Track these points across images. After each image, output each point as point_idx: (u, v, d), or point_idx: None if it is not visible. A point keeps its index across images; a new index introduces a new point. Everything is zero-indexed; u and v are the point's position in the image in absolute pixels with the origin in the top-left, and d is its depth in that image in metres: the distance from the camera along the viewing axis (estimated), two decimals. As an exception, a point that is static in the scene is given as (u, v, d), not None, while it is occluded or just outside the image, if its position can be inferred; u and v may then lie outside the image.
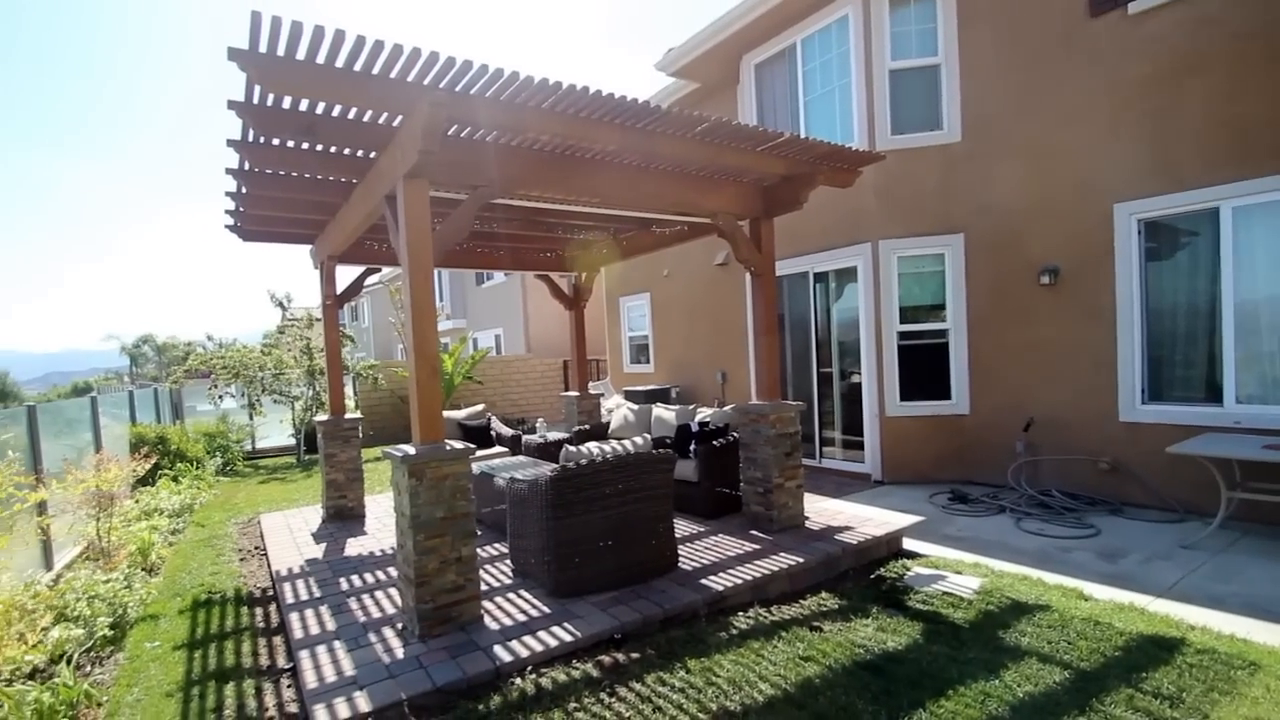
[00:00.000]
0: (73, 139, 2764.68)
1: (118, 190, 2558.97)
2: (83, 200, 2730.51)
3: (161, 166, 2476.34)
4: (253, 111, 3.56)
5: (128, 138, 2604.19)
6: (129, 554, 5.91)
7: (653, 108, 3.80)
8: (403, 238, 3.68)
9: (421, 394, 3.78)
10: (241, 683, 3.72)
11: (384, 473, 9.80)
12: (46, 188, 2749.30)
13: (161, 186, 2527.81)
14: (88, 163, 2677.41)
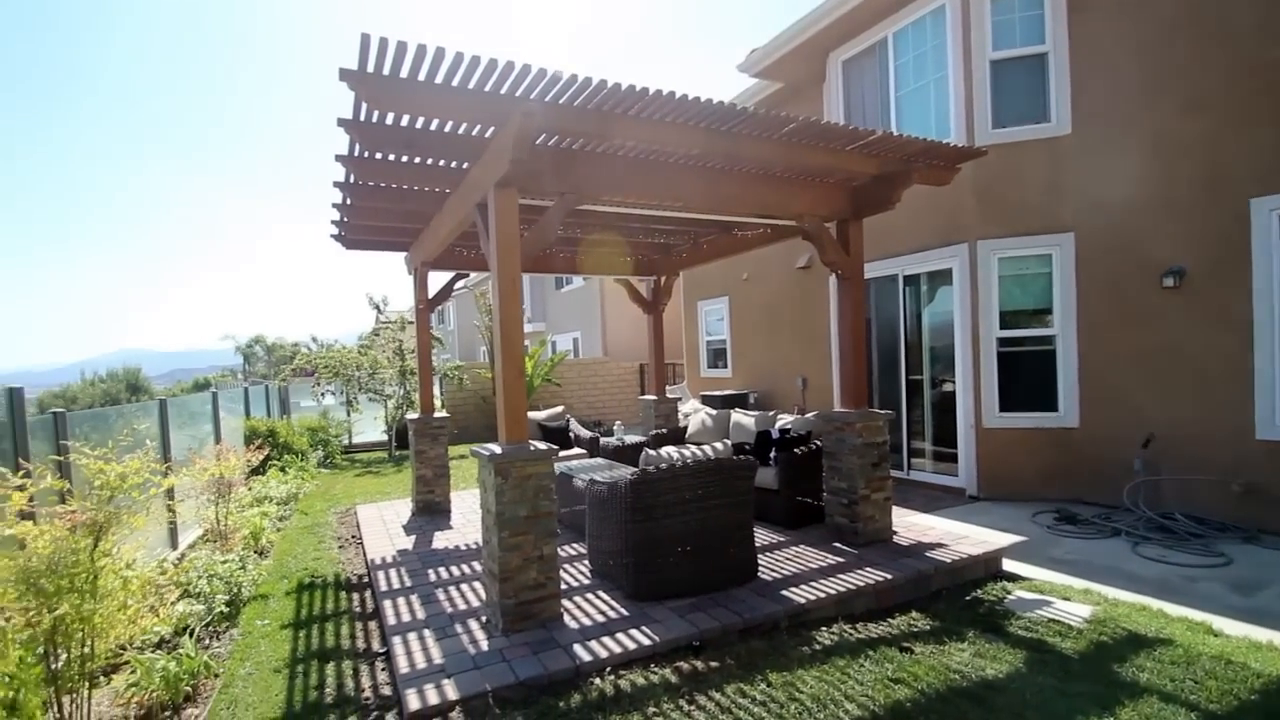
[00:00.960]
0: (198, 155, 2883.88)
1: (238, 204, 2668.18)
2: (209, 213, 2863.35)
3: (271, 181, 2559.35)
4: (359, 128, 3.82)
5: (243, 156, 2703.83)
6: (243, 537, 6.46)
7: (738, 110, 3.78)
8: (493, 244, 3.84)
9: (508, 395, 3.93)
10: (341, 663, 3.98)
11: (467, 469, 10.22)
12: (178, 202, 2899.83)
13: (273, 201, 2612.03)
14: (206, 178, 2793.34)
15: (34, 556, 2.78)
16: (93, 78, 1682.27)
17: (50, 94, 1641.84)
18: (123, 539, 3.10)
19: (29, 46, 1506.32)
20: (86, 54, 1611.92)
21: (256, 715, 3.42)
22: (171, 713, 3.48)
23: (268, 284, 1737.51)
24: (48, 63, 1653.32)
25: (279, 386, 13.92)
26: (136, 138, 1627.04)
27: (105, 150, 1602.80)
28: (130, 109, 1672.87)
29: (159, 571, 4.70)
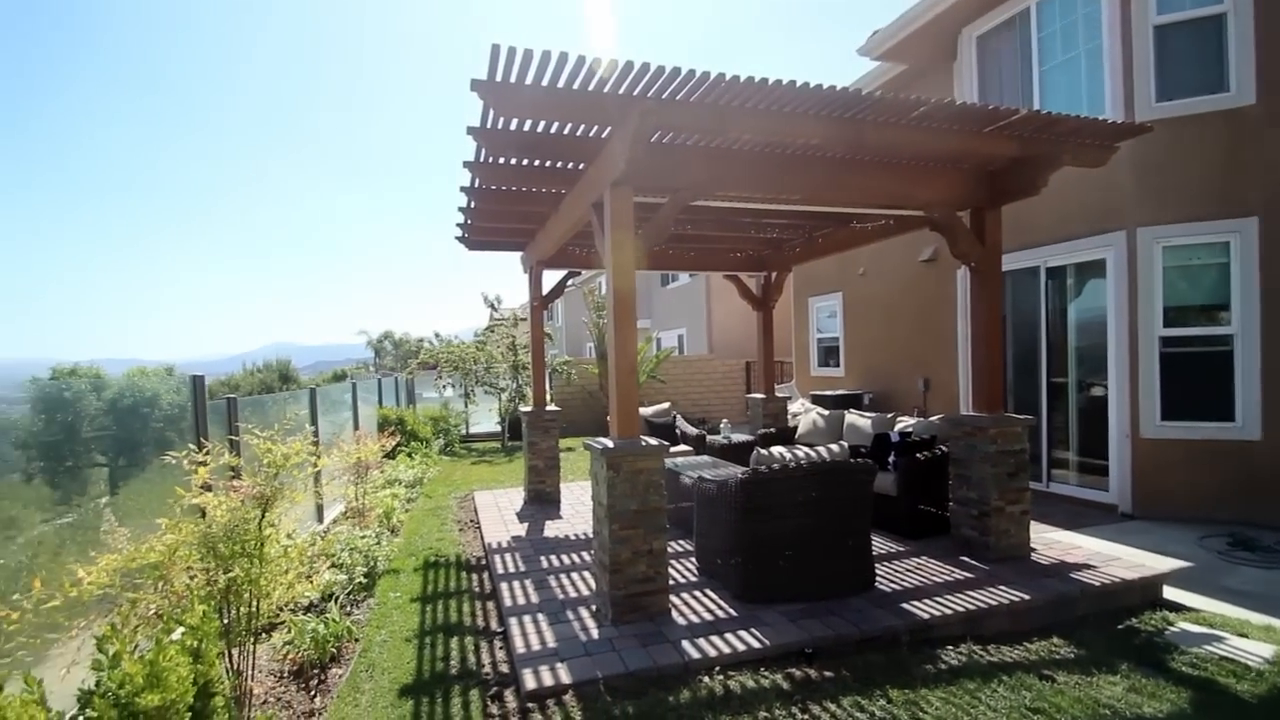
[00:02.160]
0: (340, 171, 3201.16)
1: (370, 213, 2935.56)
2: (347, 219, 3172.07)
3: (398, 188, 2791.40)
4: (486, 134, 4.05)
5: (378, 166, 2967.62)
6: (377, 516, 7.06)
7: (863, 95, 3.61)
8: (607, 242, 3.93)
9: (620, 391, 4.01)
10: (463, 639, 4.25)
11: (575, 462, 10.57)
12: (321, 210, 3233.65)
13: (400, 206, 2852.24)
14: (343, 187, 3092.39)
15: (213, 524, 3.19)
16: (239, 92, 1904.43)
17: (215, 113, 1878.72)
18: (284, 512, 3.49)
19: (187, 66, 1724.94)
20: (238, 66, 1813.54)
21: (391, 679, 3.73)
22: (319, 671, 3.88)
23: (396, 283, 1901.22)
24: (228, 83, 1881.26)
25: (407, 379, 15.10)
26: (295, 157, 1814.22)
27: (262, 170, 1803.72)
28: (290, 129, 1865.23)
29: (310, 543, 5.25)
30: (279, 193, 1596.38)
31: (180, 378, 17.20)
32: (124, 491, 10.52)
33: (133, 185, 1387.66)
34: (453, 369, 13.86)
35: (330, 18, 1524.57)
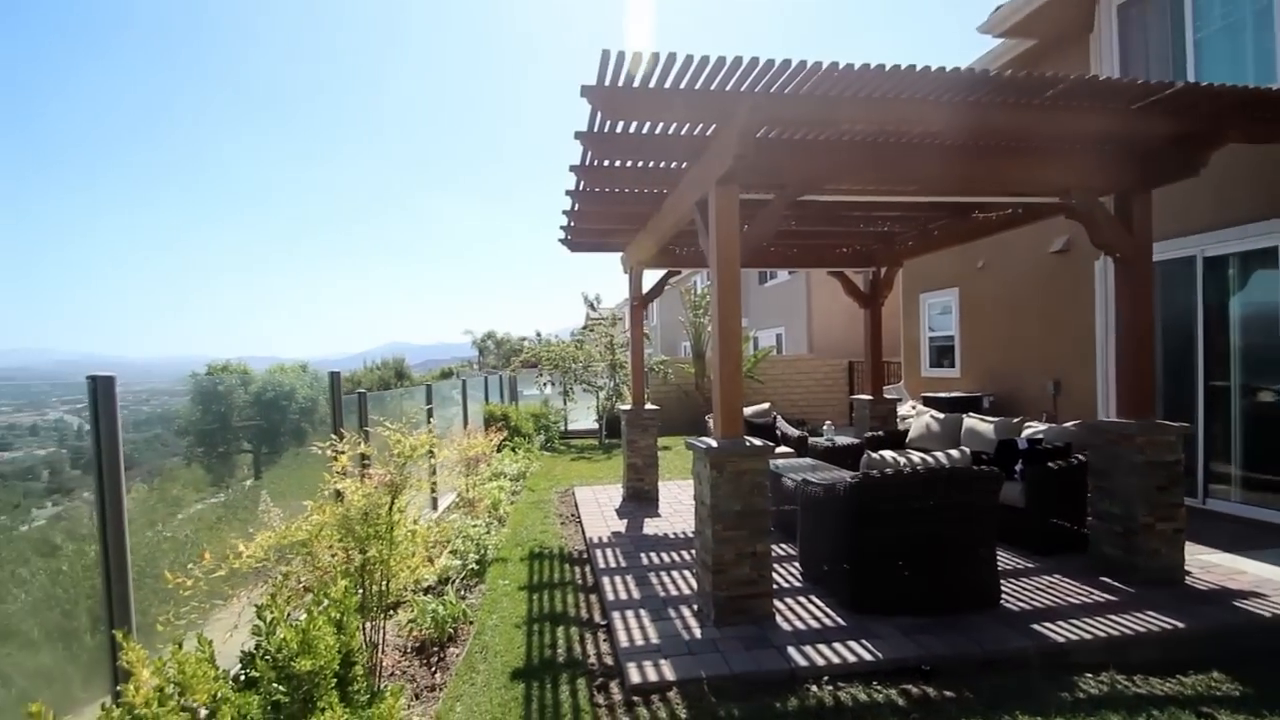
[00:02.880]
0: (454, 181, 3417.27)
1: (478, 217, 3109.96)
2: (455, 224, 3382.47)
3: (499, 192, 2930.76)
4: (592, 138, 4.16)
5: (482, 172, 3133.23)
6: (485, 507, 7.45)
7: (990, 76, 3.38)
8: (712, 240, 3.93)
9: (724, 390, 3.99)
10: (569, 629, 4.40)
11: (671, 460, 10.63)
12: (436, 217, 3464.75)
13: (502, 210, 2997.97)
14: (452, 195, 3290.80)
15: (351, 507, 3.50)
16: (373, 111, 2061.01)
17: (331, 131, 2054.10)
18: (409, 500, 3.76)
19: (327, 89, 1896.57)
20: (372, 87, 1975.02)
21: (503, 662, 3.93)
22: (439, 649, 4.15)
23: (499, 285, 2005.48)
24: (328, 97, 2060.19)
25: (510, 376, 15.80)
26: (410, 166, 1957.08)
27: (382, 179, 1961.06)
28: (410, 142, 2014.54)
29: (431, 529, 5.61)
30: (391, 197, 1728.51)
31: (313, 373, 18.94)
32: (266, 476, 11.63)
33: (265, 197, 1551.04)
34: (553, 367, 14.35)
35: (451, 31, 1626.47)
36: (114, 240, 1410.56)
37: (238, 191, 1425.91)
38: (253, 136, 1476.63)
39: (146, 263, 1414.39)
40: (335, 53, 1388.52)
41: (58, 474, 10.63)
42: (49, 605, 5.46)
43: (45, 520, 10.25)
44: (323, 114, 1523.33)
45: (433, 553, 4.67)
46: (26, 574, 6.03)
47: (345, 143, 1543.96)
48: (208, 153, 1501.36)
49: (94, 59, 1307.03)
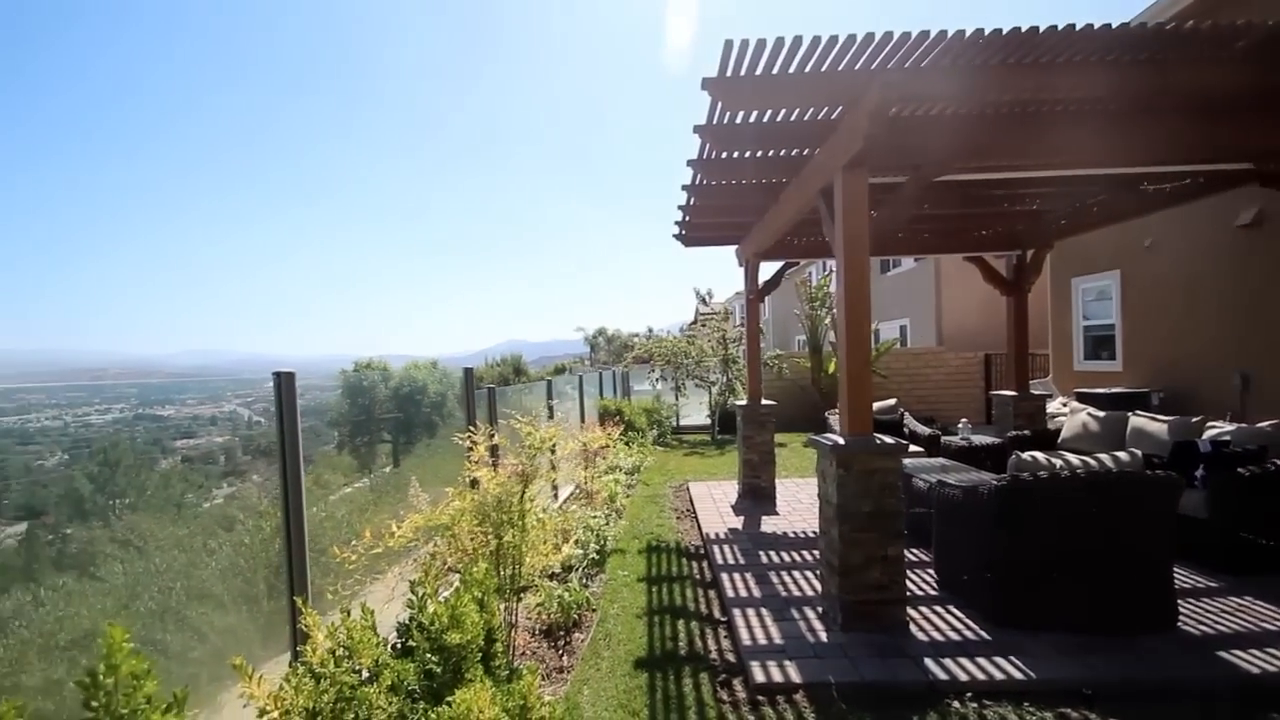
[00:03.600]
0: (574, 182, 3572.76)
1: (590, 216, 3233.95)
2: (566, 224, 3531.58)
3: (607, 192, 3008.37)
4: (711, 131, 4.15)
5: (596, 170, 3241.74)
6: (603, 499, 7.68)
7: (1166, 29, 3.00)
8: (838, 229, 3.80)
9: (852, 385, 3.86)
10: (689, 623, 4.45)
11: (786, 457, 10.40)
12: (548, 216, 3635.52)
13: (609, 208, 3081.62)
14: (561, 192, 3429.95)
15: (487, 495, 3.75)
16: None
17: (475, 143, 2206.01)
18: (538, 490, 3.98)
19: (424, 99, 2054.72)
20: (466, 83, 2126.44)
21: (626, 651, 4.05)
22: (564, 633, 4.35)
23: (609, 282, 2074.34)
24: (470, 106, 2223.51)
25: (623, 372, 16.15)
26: (544, 177, 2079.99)
27: (487, 184, 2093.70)
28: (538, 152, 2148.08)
29: (556, 518, 5.87)
30: (502, 199, 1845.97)
31: (442, 370, 20.19)
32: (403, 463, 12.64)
33: (399, 208, 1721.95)
34: (664, 363, 14.49)
35: (565, 34, 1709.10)
36: (271, 247, 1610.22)
37: (378, 204, 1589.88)
38: (390, 154, 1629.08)
39: (300, 269, 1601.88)
40: (460, 74, 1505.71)
41: (232, 458, 12.00)
42: (233, 573, 6.30)
43: (222, 499, 11.78)
44: (449, 126, 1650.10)
45: (557, 541, 4.90)
46: (215, 545, 6.98)
47: (469, 154, 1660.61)
48: (357, 170, 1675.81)
49: (249, 82, 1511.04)
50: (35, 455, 22.73)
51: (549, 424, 4.23)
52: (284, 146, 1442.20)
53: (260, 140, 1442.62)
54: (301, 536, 3.06)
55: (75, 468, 18.63)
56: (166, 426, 25.13)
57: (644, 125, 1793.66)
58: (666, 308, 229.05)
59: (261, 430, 19.18)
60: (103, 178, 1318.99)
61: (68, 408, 23.25)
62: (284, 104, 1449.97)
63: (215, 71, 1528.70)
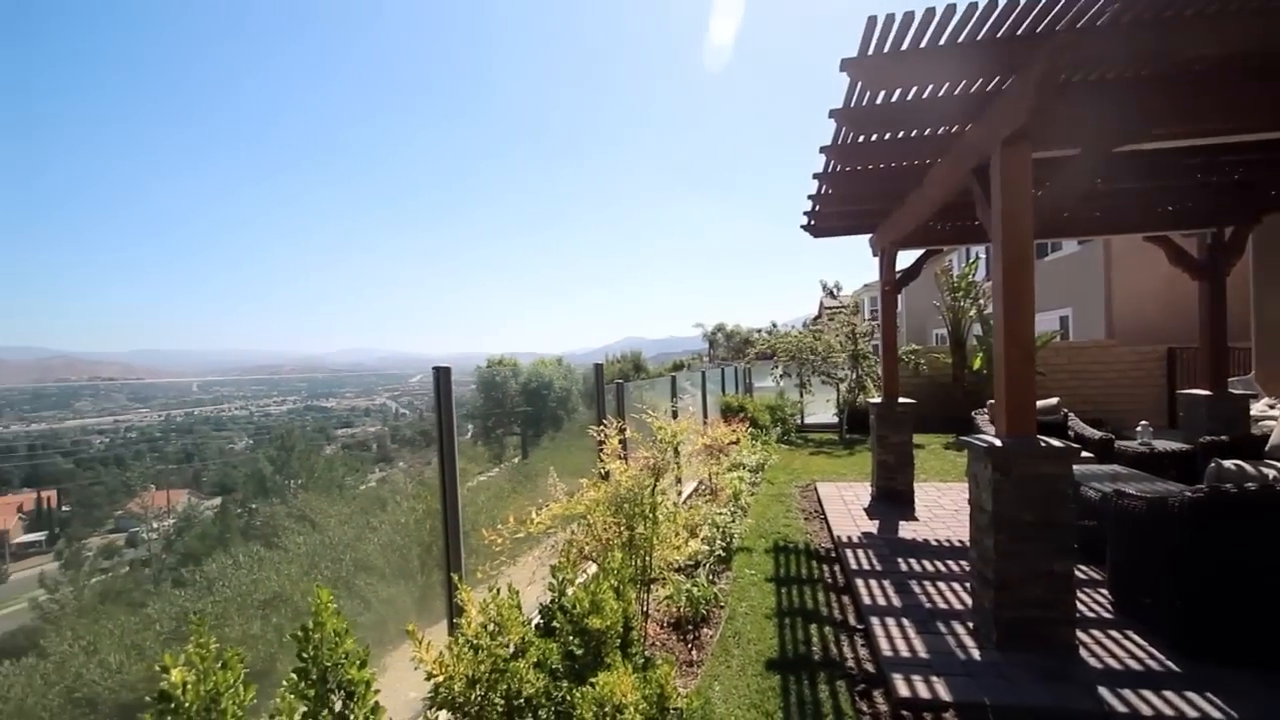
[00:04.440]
0: (690, 178, 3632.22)
1: (707, 212, 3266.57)
2: (682, 220, 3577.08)
3: (726, 187, 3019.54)
4: (848, 114, 3.99)
5: (717, 171, 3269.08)
6: (727, 496, 7.66)
7: None
8: (996, 211, 3.51)
9: (1011, 381, 3.55)
10: (821, 628, 4.33)
11: (924, 460, 9.79)
12: (663, 213, 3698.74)
13: (736, 209, 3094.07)
14: (676, 189, 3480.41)
15: (620, 486, 3.88)
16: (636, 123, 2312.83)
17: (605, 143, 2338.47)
18: (669, 484, 4.04)
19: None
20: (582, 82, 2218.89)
21: (756, 651, 4.01)
22: (693, 628, 4.39)
23: (728, 278, 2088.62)
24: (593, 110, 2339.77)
25: (745, 368, 15.96)
26: (667, 176, 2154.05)
27: (615, 184, 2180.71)
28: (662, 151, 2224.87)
29: (687, 513, 5.91)
30: (618, 198, 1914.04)
31: (566, 366, 21.24)
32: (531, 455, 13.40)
33: (527, 212, 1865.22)
34: (789, 358, 14.12)
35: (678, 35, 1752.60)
36: (408, 254, 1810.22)
37: (503, 208, 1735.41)
38: (502, 156, 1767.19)
39: (434, 273, 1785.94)
40: (593, 81, 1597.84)
41: (382, 446, 13.70)
42: (391, 549, 6.98)
43: (374, 482, 13.14)
44: (577, 128, 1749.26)
45: (686, 535, 4.95)
46: (375, 523, 7.76)
47: (592, 155, 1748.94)
48: (481, 175, 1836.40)
49: (402, 96, 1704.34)
50: (227, 440, 27.08)
51: (666, 418, 4.29)
52: (403, 157, 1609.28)
53: (381, 154, 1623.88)
54: (456, 518, 3.32)
55: (259, 451, 22.05)
56: (329, 416, 28.86)
57: (766, 116, 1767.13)
58: (785, 303, 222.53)
59: (407, 421, 21.62)
60: (263, 190, 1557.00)
61: (252, 399, 27.18)
62: (417, 114, 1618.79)
63: (372, 84, 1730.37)
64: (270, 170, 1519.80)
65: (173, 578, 14.52)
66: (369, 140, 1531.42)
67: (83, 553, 30.60)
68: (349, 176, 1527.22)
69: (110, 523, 39.87)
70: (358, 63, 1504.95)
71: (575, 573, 3.11)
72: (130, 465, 49.78)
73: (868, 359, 13.29)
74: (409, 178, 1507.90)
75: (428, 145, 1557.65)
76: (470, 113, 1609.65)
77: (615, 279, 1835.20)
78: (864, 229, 7.18)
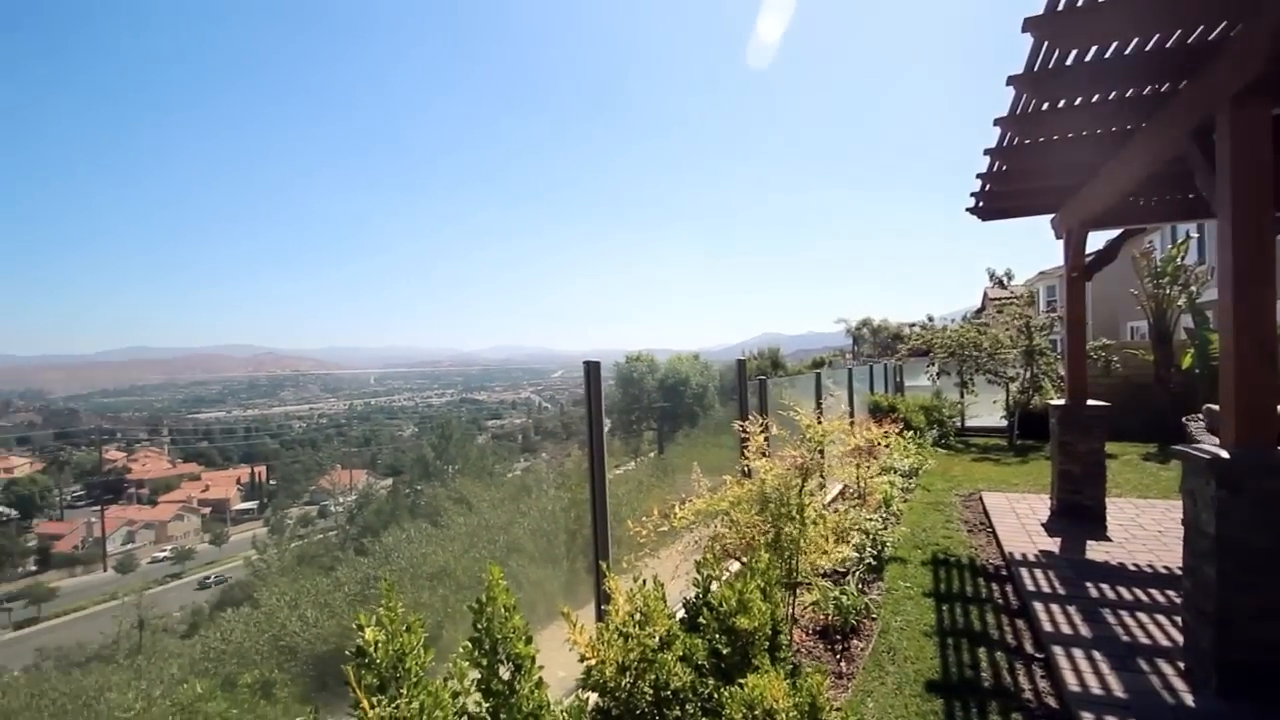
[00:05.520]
0: (832, 168, 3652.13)
1: (851, 203, 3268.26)
2: (819, 213, 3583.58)
3: (870, 182, 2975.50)
4: (1029, 80, 3.58)
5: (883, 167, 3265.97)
6: (876, 501, 7.25)
7: None
8: (1223, 179, 2.98)
9: (1243, 379, 3.01)
10: (991, 652, 3.97)
11: (1118, 472, 8.64)
12: (803, 206, 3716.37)
13: (881, 197, 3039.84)
14: (820, 181, 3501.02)
15: (765, 485, 3.80)
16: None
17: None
18: (818, 485, 3.90)
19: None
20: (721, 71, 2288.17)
21: (915, 670, 3.76)
22: (841, 638, 4.21)
23: (872, 271, 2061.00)
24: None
25: (895, 365, 15.00)
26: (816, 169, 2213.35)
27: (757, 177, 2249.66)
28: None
29: (840, 516, 5.67)
30: (760, 192, 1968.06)
31: (703, 362, 21.47)
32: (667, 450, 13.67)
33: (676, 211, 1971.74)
34: (947, 355, 13.04)
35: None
36: (554, 252, 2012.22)
37: (655, 208, 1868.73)
38: (645, 158, 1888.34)
39: (573, 270, 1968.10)
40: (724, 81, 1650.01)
41: (527, 437, 14.72)
42: (539, 534, 7.42)
43: (519, 471, 14.23)
44: (707, 127, 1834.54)
45: (834, 539, 4.75)
46: (524, 509, 8.27)
47: (725, 155, 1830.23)
48: (615, 176, 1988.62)
49: (534, 102, 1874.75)
50: (397, 427, 30.52)
51: (823, 419, 4.12)
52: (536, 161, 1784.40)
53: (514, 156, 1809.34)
54: (604, 507, 3.44)
55: (423, 439, 24.82)
56: (481, 408, 31.40)
57: (918, 96, 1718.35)
58: (938, 296, 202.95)
59: (549, 414, 23.01)
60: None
61: (417, 391, 30.38)
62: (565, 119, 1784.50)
63: (516, 89, 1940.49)
64: (424, 177, 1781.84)
65: (354, 546, 16.58)
66: (509, 141, 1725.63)
67: (285, 520, 35.82)
68: (495, 176, 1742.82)
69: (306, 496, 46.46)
70: (497, 62, 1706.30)
71: (719, 570, 3.10)
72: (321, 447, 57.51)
73: (1045, 355, 11.93)
74: (547, 176, 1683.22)
75: (568, 143, 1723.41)
76: (610, 109, 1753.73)
77: (754, 275, 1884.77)
78: (1043, 208, 6.44)
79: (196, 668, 7.59)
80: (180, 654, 9.42)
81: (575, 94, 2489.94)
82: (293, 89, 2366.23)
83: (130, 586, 24.06)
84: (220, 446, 61.04)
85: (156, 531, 40.65)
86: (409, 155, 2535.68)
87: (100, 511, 40.30)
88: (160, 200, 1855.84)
